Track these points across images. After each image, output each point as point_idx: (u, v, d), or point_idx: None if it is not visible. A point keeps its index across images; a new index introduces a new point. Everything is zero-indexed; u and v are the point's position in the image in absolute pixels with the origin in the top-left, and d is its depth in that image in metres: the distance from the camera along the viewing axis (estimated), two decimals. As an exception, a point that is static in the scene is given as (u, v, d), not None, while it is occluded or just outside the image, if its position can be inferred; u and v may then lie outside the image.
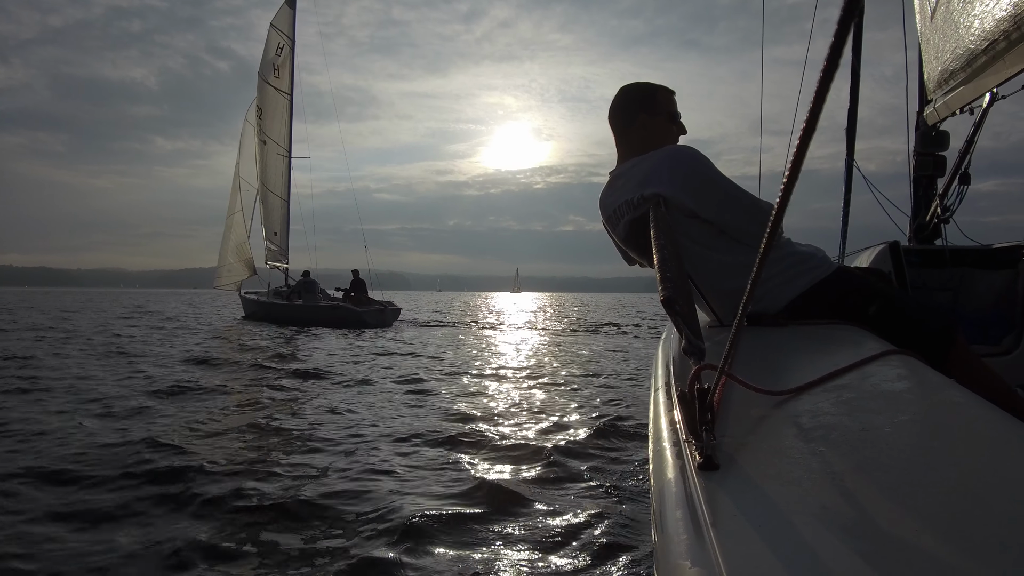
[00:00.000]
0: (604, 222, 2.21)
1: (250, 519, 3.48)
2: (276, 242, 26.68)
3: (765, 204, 1.97)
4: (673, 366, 1.45)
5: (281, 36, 26.66)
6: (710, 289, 1.99)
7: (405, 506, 3.61)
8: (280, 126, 26.87)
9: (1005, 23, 2.44)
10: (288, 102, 26.98)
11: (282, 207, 26.92)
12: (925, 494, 0.71)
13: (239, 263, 27.43)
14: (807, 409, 1.00)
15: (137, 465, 4.31)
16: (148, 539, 3.18)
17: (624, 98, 2.18)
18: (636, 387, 8.24)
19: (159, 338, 15.73)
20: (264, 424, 5.81)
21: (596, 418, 6.05)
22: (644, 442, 5.02)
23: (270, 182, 26.67)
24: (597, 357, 12.45)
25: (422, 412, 6.60)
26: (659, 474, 0.95)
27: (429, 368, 10.36)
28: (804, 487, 0.75)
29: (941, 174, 4.31)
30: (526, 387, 8.41)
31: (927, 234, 4.27)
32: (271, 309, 23.40)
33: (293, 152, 27.22)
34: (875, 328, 1.63)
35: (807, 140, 0.65)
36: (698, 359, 1.12)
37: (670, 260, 1.49)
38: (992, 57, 2.68)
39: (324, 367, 10.08)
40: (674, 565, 0.72)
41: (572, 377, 9.33)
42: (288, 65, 26.89)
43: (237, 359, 11.28)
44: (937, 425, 0.95)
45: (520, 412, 6.57)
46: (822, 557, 0.62)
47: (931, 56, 3.50)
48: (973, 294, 3.48)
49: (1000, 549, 0.60)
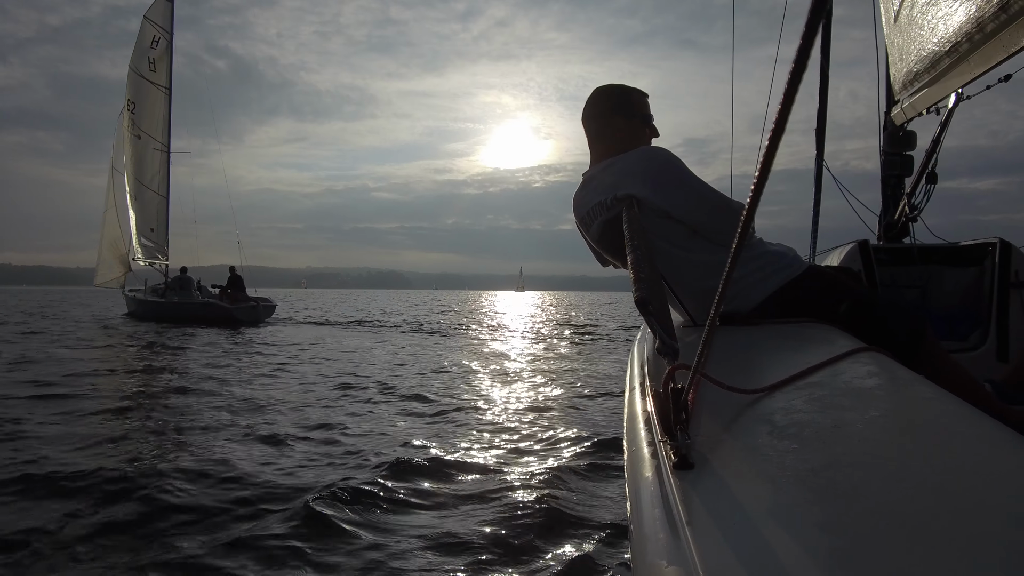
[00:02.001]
0: (577, 223, 2.21)
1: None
2: (153, 238, 26.55)
3: (736, 204, 1.98)
4: (647, 366, 1.45)
5: (156, 29, 26.49)
6: (683, 289, 2.01)
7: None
8: (157, 120, 26.68)
9: (968, 25, 2.48)
10: (165, 96, 26.75)
11: (160, 203, 26.72)
12: (897, 489, 0.72)
13: (115, 260, 27.17)
14: (780, 407, 1.01)
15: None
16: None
17: (601, 100, 2.18)
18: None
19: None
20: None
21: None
22: (619, 442, 5.04)
23: (145, 177, 26.41)
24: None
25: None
26: (634, 474, 0.95)
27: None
28: (778, 485, 0.76)
29: (909, 173, 4.38)
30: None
31: (896, 232, 4.34)
32: (147, 307, 23.66)
33: (171, 146, 27.04)
34: (846, 326, 1.65)
35: (776, 141, 0.65)
36: (672, 359, 1.12)
37: (643, 261, 1.49)
38: (956, 59, 2.72)
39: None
40: (650, 564, 0.72)
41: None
42: (166, 59, 26.74)
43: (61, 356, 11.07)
44: (908, 421, 0.96)
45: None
46: (797, 554, 0.62)
47: (896, 58, 3.56)
48: (941, 291, 3.55)
49: (970, 542, 0.60)
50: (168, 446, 5.18)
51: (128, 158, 26.07)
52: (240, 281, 23.26)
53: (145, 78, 26.25)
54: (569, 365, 11.23)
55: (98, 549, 3.14)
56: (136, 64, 26.22)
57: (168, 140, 26.87)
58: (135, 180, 26.15)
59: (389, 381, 9.09)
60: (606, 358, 12.39)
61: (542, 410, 6.87)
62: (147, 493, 3.85)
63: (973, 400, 0.99)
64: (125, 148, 26.19)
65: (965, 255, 3.48)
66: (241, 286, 23.19)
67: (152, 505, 3.69)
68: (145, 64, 26.23)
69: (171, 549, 3.14)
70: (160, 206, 26.67)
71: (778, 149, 0.67)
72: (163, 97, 26.67)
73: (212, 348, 13.87)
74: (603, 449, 4.97)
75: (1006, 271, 3.25)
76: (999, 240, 3.32)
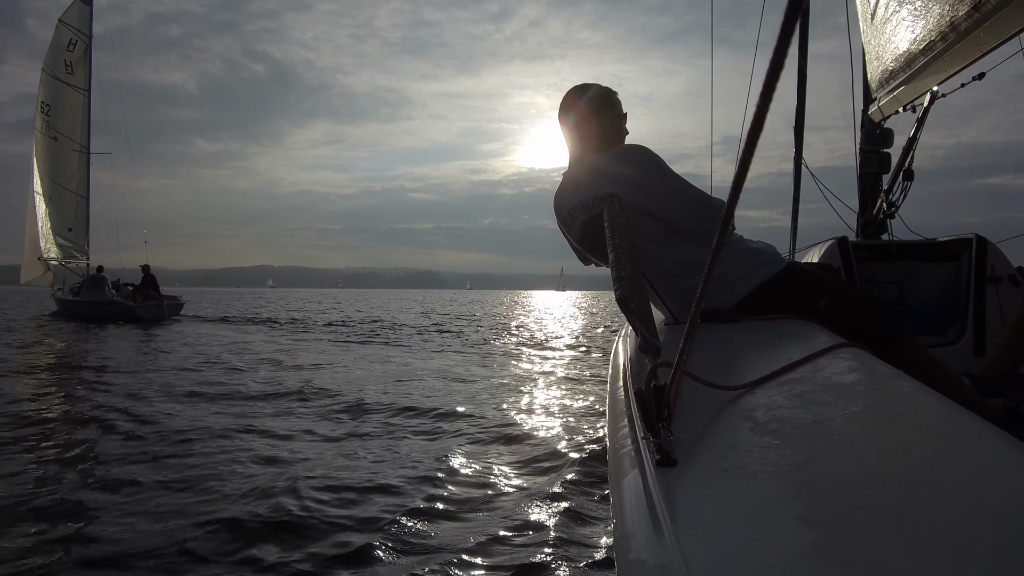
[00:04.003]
0: (559, 223, 2.21)
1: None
2: (71, 238, 26.68)
3: (717, 201, 1.99)
4: (630, 364, 1.46)
5: (72, 32, 26.61)
6: (664, 287, 2.01)
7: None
8: (75, 122, 26.81)
9: (942, 24, 2.52)
10: (84, 98, 26.87)
11: (79, 203, 26.90)
12: (877, 483, 0.72)
13: (35, 258, 27.13)
14: (761, 403, 1.02)
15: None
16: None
17: (601, 99, 2.15)
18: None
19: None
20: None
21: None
22: (602, 440, 5.05)
23: (62, 178, 26.50)
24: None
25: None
26: (617, 471, 0.95)
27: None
28: (760, 480, 0.76)
29: (886, 170, 4.44)
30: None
31: (874, 229, 4.39)
32: (64, 306, 24.53)
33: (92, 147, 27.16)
34: (826, 322, 1.67)
35: (755, 139, 0.66)
36: (654, 357, 1.12)
37: (624, 259, 1.50)
38: (931, 58, 2.76)
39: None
40: (634, 561, 0.72)
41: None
42: (85, 61, 26.86)
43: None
44: (887, 415, 0.97)
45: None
46: (779, 549, 0.63)
47: (872, 56, 3.60)
48: (919, 287, 3.59)
49: (951, 534, 0.61)
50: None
51: (43, 159, 26.23)
52: (153, 280, 24.29)
53: (62, 80, 26.42)
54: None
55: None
56: (51, 67, 26.39)
57: (88, 141, 27.16)
58: (50, 180, 26.33)
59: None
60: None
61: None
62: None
63: (951, 394, 1.00)
64: (37, 149, 26.32)
65: (942, 251, 3.53)
66: (154, 285, 24.19)
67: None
68: (61, 67, 26.41)
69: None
70: (80, 206, 26.95)
71: (756, 147, 0.67)
72: (82, 99, 26.92)
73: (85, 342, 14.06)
74: (586, 447, 4.98)
75: (983, 266, 3.29)
76: (975, 236, 3.36)
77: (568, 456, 4.75)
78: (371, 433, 5.65)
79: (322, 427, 5.89)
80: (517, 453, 4.94)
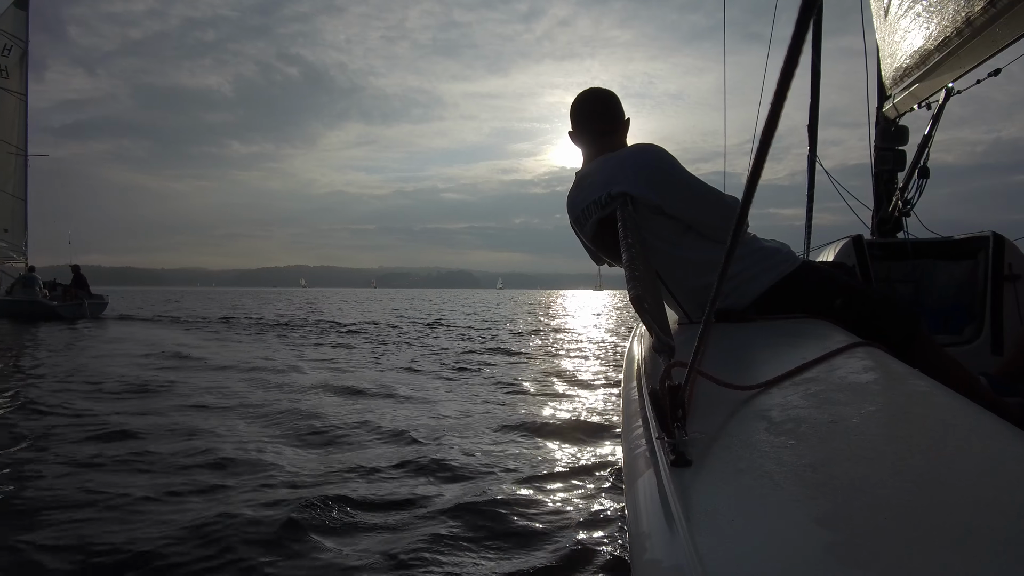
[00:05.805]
0: (572, 223, 2.21)
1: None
2: (6, 239, 27.10)
3: (730, 199, 1.99)
4: (644, 364, 1.46)
5: (7, 37, 27.15)
6: (678, 286, 2.01)
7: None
8: (12, 124, 27.34)
9: (957, 20, 2.50)
10: (20, 102, 27.49)
11: (15, 204, 27.38)
12: (894, 483, 0.72)
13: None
14: (777, 403, 1.01)
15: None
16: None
17: (609, 102, 2.19)
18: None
19: None
20: None
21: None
22: (617, 440, 5.03)
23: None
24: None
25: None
26: (632, 471, 0.95)
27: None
28: (776, 480, 0.76)
29: (901, 168, 4.40)
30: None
31: (889, 227, 4.35)
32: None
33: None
34: (841, 321, 1.66)
35: (769, 137, 0.66)
36: (668, 356, 1.12)
37: (638, 258, 1.50)
38: (946, 54, 2.74)
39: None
40: (648, 561, 0.72)
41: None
42: (21, 66, 27.46)
43: None
44: (904, 415, 0.97)
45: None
46: (795, 549, 0.63)
47: (887, 53, 3.58)
48: (935, 285, 3.56)
49: (967, 535, 0.61)
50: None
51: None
52: (82, 280, 25.27)
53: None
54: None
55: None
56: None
57: (25, 144, 27.77)
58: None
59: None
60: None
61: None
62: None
63: (968, 393, 0.99)
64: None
65: (958, 249, 3.49)
66: (83, 284, 25.18)
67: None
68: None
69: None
70: (16, 208, 27.47)
71: (771, 145, 0.67)
72: (18, 103, 27.59)
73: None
74: (600, 447, 4.97)
75: (999, 264, 3.26)
76: (992, 233, 3.33)
77: (583, 455, 4.75)
78: (374, 432, 5.67)
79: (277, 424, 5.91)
80: (531, 449, 4.94)
